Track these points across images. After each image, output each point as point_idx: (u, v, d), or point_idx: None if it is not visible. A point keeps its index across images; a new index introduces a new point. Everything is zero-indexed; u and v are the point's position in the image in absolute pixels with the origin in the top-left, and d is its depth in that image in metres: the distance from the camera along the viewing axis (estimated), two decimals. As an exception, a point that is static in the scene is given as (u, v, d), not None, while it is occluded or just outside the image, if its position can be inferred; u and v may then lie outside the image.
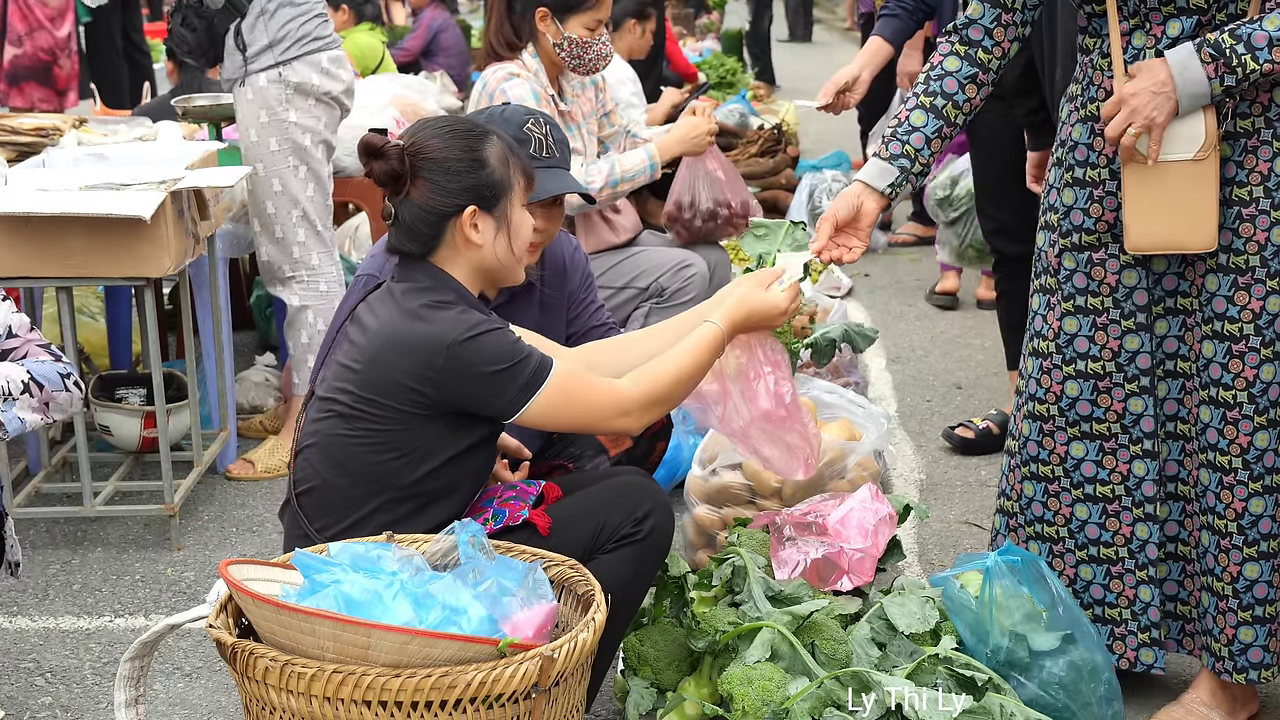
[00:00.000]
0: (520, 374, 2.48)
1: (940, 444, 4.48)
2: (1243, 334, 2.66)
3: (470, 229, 2.54)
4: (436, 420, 2.50)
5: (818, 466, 2.94)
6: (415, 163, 2.53)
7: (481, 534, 2.33)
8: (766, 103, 9.79)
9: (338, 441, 2.53)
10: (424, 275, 2.57)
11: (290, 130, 4.15)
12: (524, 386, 2.49)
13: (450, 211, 2.54)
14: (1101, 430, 2.81)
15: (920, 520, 3.75)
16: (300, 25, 4.15)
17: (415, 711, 2.09)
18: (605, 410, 2.56)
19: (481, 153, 2.56)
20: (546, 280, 3.14)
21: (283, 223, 4.20)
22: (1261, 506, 2.70)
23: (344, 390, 2.52)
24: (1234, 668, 2.77)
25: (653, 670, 2.86)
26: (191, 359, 4.08)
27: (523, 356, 2.50)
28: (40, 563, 3.72)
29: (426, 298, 2.52)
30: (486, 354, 2.47)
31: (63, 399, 2.77)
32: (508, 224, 2.59)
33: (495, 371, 2.47)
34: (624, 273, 4.21)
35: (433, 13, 9.43)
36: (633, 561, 2.60)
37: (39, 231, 3.58)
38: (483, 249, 2.57)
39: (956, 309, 6.10)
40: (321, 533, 2.53)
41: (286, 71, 4.12)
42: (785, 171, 7.54)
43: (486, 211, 2.56)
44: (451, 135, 2.57)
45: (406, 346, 2.47)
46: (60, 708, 3.04)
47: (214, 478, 4.24)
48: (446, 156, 2.54)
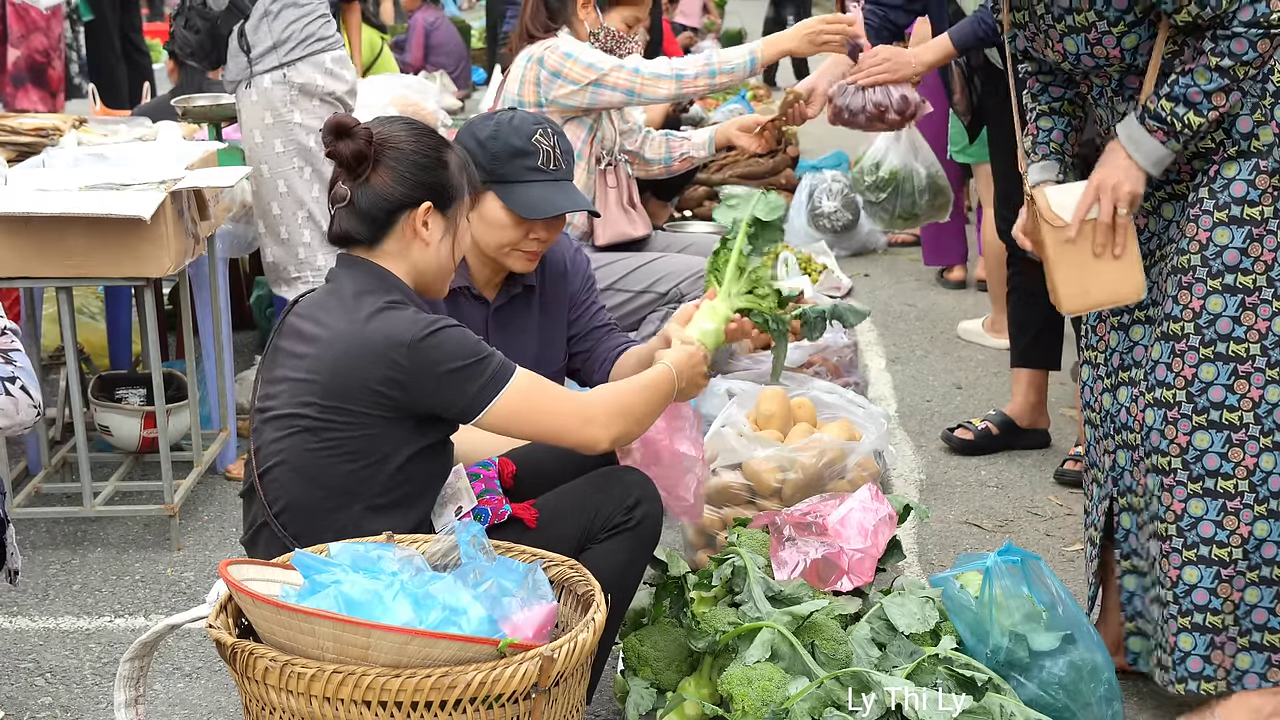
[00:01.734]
0: (482, 372, 2.47)
1: (940, 444, 4.48)
2: (1184, 333, 2.68)
3: (421, 225, 2.55)
4: (404, 421, 2.49)
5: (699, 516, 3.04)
6: (381, 150, 2.54)
7: (482, 534, 2.33)
8: (766, 103, 9.79)
9: (308, 456, 2.50)
10: (368, 276, 2.55)
11: (295, 131, 4.15)
12: (485, 385, 2.47)
13: (407, 203, 2.54)
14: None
15: (920, 520, 3.75)
16: (304, 26, 4.15)
17: (415, 711, 2.09)
18: (570, 416, 2.53)
19: (444, 155, 2.60)
20: (547, 282, 3.14)
21: (288, 224, 4.20)
22: (1201, 509, 2.68)
23: (306, 404, 2.49)
24: (1175, 678, 2.75)
25: (653, 670, 2.86)
26: (191, 359, 4.08)
27: (484, 355, 2.48)
28: (40, 563, 3.72)
29: (379, 299, 2.50)
30: (447, 350, 2.45)
31: (2, 402, 2.61)
32: (455, 230, 2.62)
33: (457, 368, 2.45)
34: (644, 277, 4.21)
35: (423, 13, 9.42)
36: (626, 550, 2.61)
37: (39, 231, 3.58)
38: (428, 248, 2.58)
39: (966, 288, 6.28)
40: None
41: (291, 73, 4.13)
42: (785, 171, 7.54)
43: (440, 211, 2.58)
44: (418, 133, 2.60)
45: (367, 350, 2.45)
46: (60, 708, 3.04)
47: (214, 478, 4.24)
48: (414, 149, 2.56)
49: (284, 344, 2.57)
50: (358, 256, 2.59)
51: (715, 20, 14.40)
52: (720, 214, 3.80)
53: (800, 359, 4.58)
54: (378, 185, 2.54)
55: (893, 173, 5.75)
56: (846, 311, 3.17)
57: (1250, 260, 2.63)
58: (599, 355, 3.14)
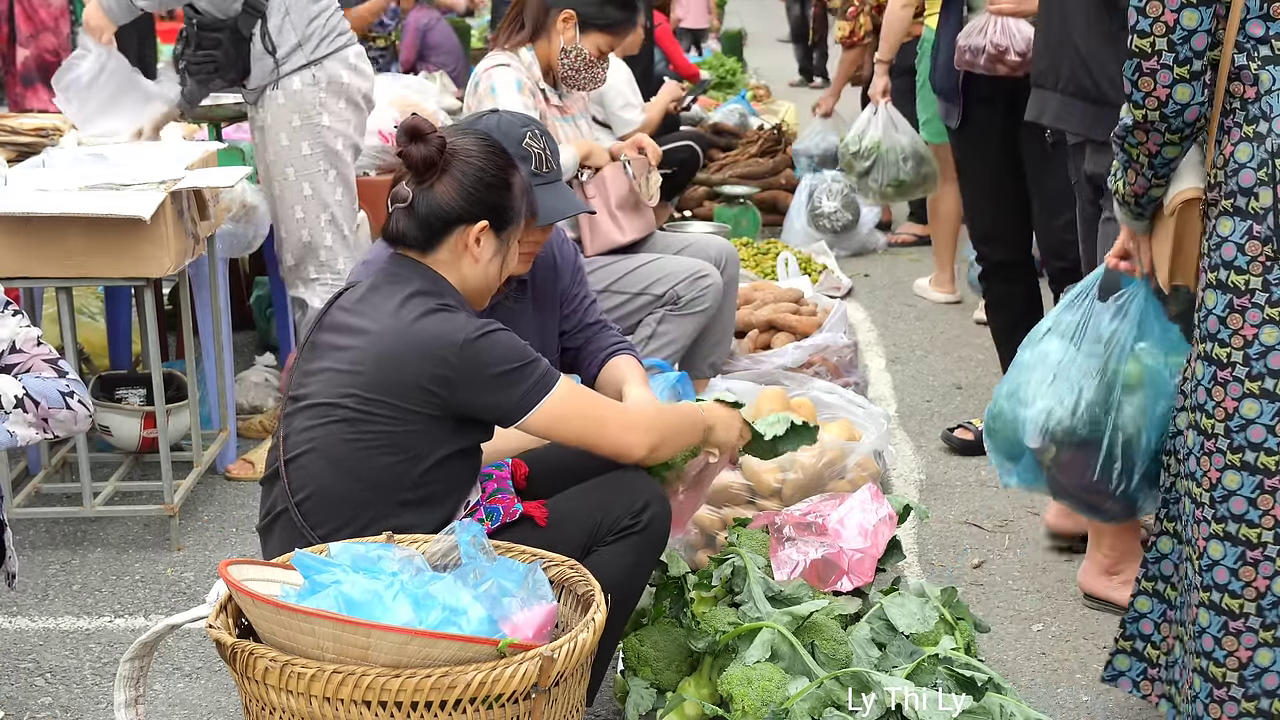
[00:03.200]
0: (530, 375, 2.50)
1: (940, 444, 4.48)
2: (1230, 360, 2.43)
3: (474, 241, 2.58)
4: (445, 421, 2.50)
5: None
6: (450, 160, 2.56)
7: (482, 534, 2.33)
8: (766, 103, 9.80)
9: (343, 447, 2.50)
10: (422, 278, 2.57)
11: (323, 134, 4.12)
12: (532, 389, 2.50)
13: (465, 218, 2.57)
14: None
15: (920, 520, 3.75)
16: (326, 21, 4.11)
17: (415, 711, 2.09)
18: (612, 422, 2.60)
19: (510, 177, 2.63)
20: (537, 275, 3.13)
21: (311, 226, 4.17)
22: (1220, 552, 2.44)
23: (347, 394, 2.49)
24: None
25: (653, 670, 2.86)
26: (191, 359, 4.08)
27: (533, 359, 2.52)
28: (40, 563, 3.72)
29: (431, 301, 2.52)
30: (498, 352, 2.48)
31: (64, 416, 2.78)
32: (506, 251, 2.65)
33: (506, 371, 2.48)
34: (639, 280, 4.21)
35: (417, 14, 9.40)
36: (633, 553, 2.61)
37: (39, 231, 3.58)
38: (477, 264, 2.60)
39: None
40: (326, 539, 2.49)
41: (319, 71, 4.09)
42: (785, 172, 7.55)
43: (495, 232, 2.61)
44: (490, 151, 2.62)
45: (418, 346, 2.47)
46: (60, 708, 3.04)
47: (214, 478, 4.24)
48: (484, 166, 2.58)
49: (325, 337, 2.58)
50: (410, 258, 2.60)
51: (715, 21, 14.40)
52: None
53: (800, 359, 4.59)
54: (440, 195, 2.56)
55: (875, 143, 6.33)
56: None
57: (1229, 333, 2.40)
58: (590, 352, 3.14)
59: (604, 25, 4.27)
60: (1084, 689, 3.09)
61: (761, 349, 4.85)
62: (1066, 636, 3.31)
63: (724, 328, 4.41)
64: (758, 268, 5.92)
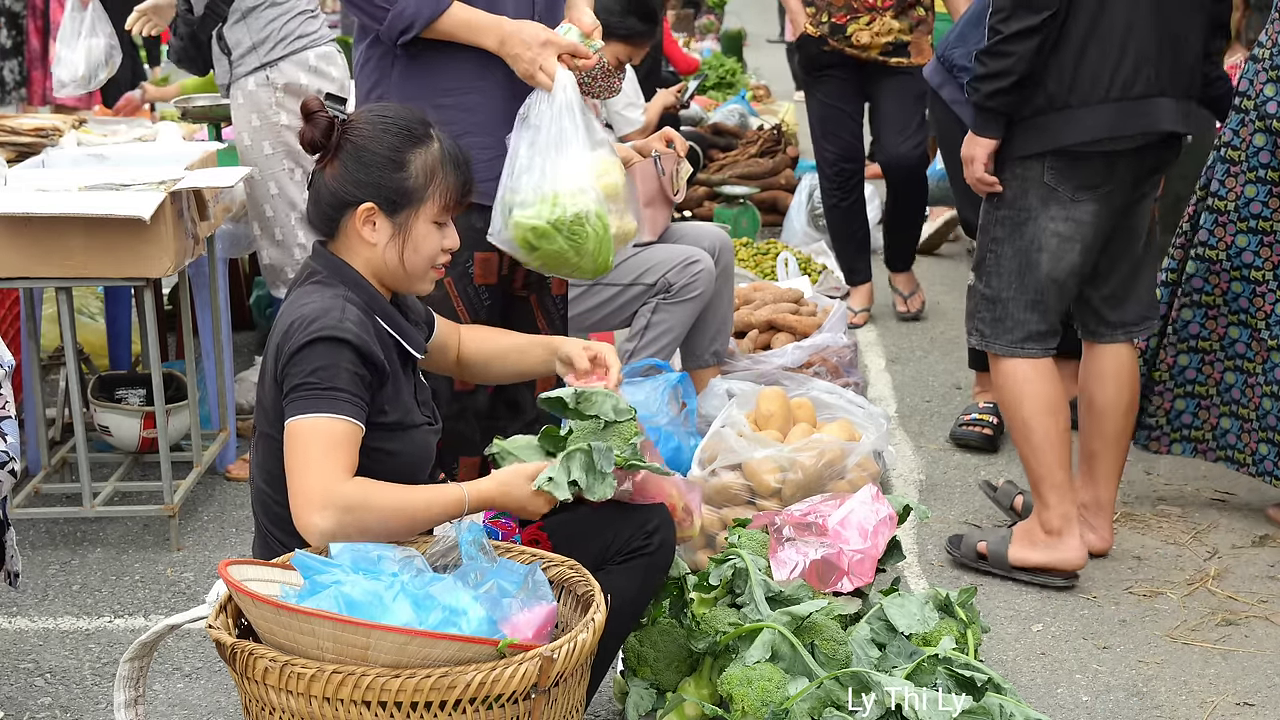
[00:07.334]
0: (313, 389, 2.34)
1: (940, 444, 4.48)
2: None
3: (364, 225, 2.48)
4: None
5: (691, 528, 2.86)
6: (341, 140, 2.48)
7: (482, 535, 2.33)
8: (766, 103, 9.79)
9: (271, 459, 2.46)
10: (326, 267, 2.50)
11: (283, 133, 4.14)
12: (306, 400, 2.34)
13: (350, 201, 2.48)
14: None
15: (920, 521, 3.74)
16: (284, 24, 4.14)
17: (415, 712, 2.09)
18: (310, 486, 2.30)
19: (405, 156, 2.47)
20: None
21: (282, 225, 4.20)
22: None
23: (267, 421, 2.48)
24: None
25: (652, 671, 2.86)
26: (191, 359, 4.08)
27: (332, 382, 2.34)
28: (40, 563, 3.72)
29: (316, 293, 2.44)
30: (312, 361, 2.35)
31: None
32: (405, 234, 2.49)
33: (311, 371, 2.35)
34: (630, 270, 4.19)
35: None
36: (641, 573, 2.61)
37: (39, 231, 3.58)
38: (376, 249, 2.49)
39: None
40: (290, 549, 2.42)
41: (273, 73, 4.12)
42: (785, 172, 7.54)
43: (386, 215, 2.48)
44: (386, 128, 2.48)
45: (276, 336, 2.42)
46: (60, 708, 3.04)
47: (214, 478, 4.24)
48: (367, 146, 2.47)
49: None
50: (320, 246, 2.55)
51: (715, 20, 14.39)
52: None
53: (800, 359, 4.58)
54: (329, 178, 2.49)
55: None
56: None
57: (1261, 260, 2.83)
58: None
59: (625, 35, 4.27)
60: (1084, 689, 3.09)
61: (761, 349, 4.84)
62: (1066, 636, 3.31)
63: (723, 316, 4.39)
64: (757, 268, 5.92)
